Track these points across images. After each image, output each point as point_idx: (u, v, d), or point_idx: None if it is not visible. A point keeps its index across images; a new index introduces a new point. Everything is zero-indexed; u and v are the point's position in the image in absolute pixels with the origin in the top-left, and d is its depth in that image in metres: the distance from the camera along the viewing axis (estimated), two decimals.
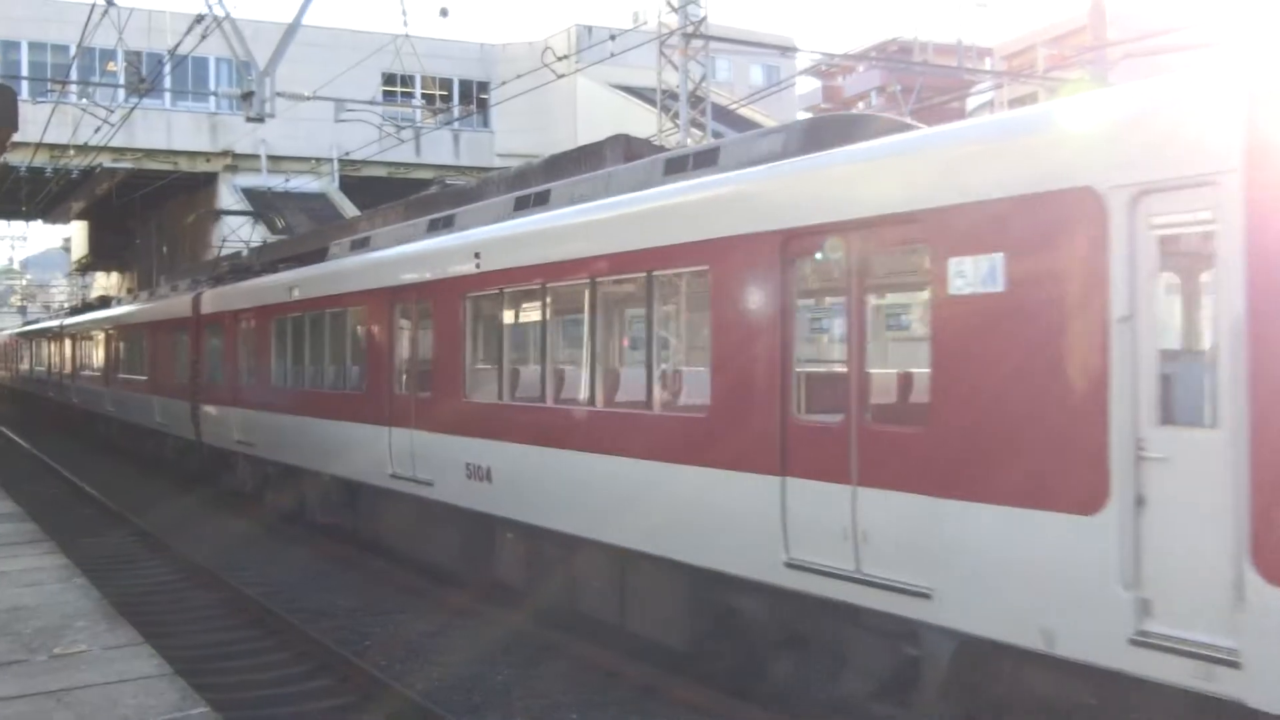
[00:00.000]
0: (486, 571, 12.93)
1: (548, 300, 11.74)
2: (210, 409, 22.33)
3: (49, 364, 45.07)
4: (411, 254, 14.92)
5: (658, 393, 10.23)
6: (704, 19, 26.16)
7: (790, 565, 8.21)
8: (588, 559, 10.92)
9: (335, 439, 16.33)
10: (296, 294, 18.15)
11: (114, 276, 70.94)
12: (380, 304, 15.18)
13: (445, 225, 15.00)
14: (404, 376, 14.73)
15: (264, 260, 25.92)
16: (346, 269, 16.97)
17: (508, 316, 12.64)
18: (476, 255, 12.67)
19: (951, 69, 31.78)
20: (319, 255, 20.26)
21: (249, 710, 9.76)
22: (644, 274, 10.24)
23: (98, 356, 35.22)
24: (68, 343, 40.28)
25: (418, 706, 9.50)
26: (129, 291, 56.14)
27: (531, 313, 12.47)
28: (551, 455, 11.19)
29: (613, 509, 10.33)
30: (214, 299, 22.78)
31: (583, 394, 11.30)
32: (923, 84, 31.88)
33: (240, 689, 10.40)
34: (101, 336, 34.46)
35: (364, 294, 15.80)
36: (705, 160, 10.56)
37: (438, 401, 13.54)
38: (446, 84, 49.25)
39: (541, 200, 13.03)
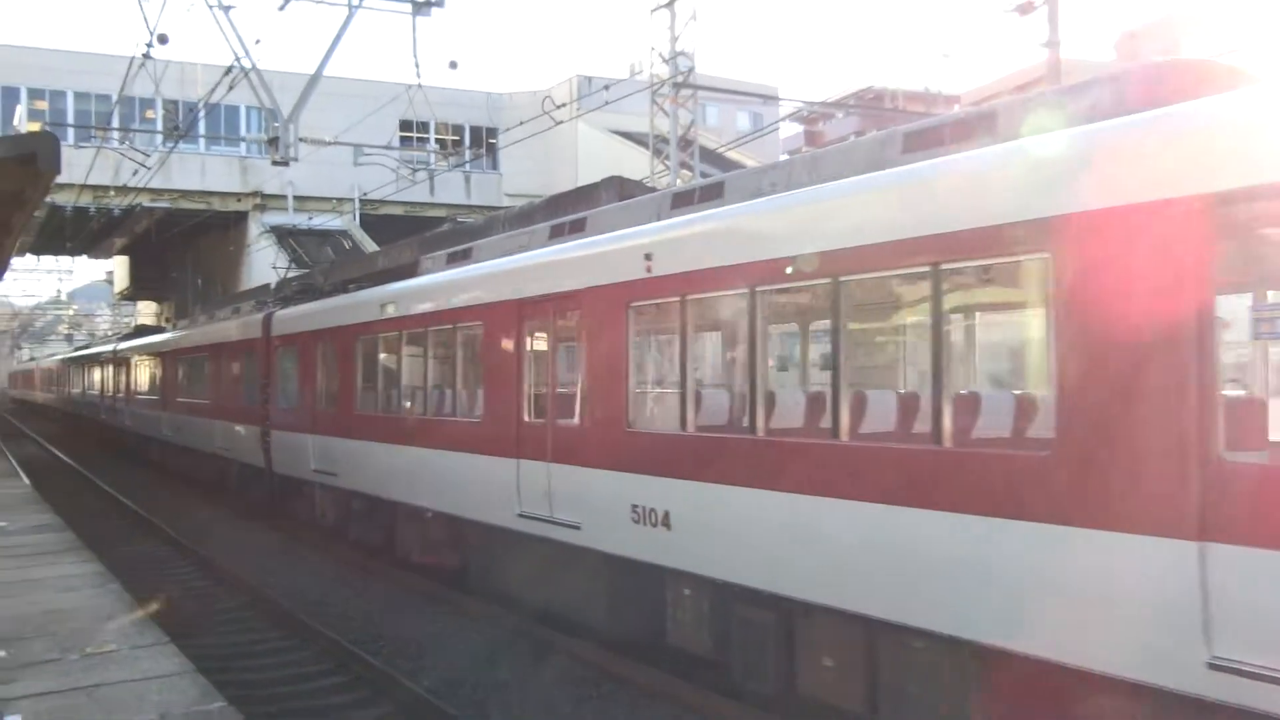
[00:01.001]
0: (648, 631, 10.20)
1: (756, 306, 8.72)
2: (283, 435, 19.68)
3: (101, 388, 43.13)
4: (548, 261, 11.94)
5: (952, 421, 7.30)
6: (692, 70, 26.29)
7: (1215, 666, 5.42)
8: (826, 631, 8.11)
9: (441, 471, 13.66)
10: (391, 311, 15.42)
11: (152, 306, 70.99)
12: (504, 319, 12.24)
13: (574, 230, 12.16)
14: (536, 401, 11.80)
15: (333, 280, 22.82)
16: (454, 281, 14.05)
17: (694, 328, 9.90)
18: (647, 257, 9.82)
19: (921, 115, 31.94)
20: (391, 274, 17.88)
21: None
22: (928, 266, 7.29)
23: (153, 380, 32.80)
24: (121, 367, 38.30)
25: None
26: (167, 320, 56.16)
27: (732, 323, 9.84)
28: (768, 500, 8.36)
29: (879, 575, 7.49)
30: (288, 320, 20.02)
31: (821, 422, 9.09)
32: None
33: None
34: (158, 360, 32.10)
35: (482, 308, 12.88)
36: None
37: (589, 431, 10.69)
38: (458, 130, 49.60)
39: (712, 195, 10.12)
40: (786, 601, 8.34)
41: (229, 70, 20.67)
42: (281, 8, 20.22)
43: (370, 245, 41.49)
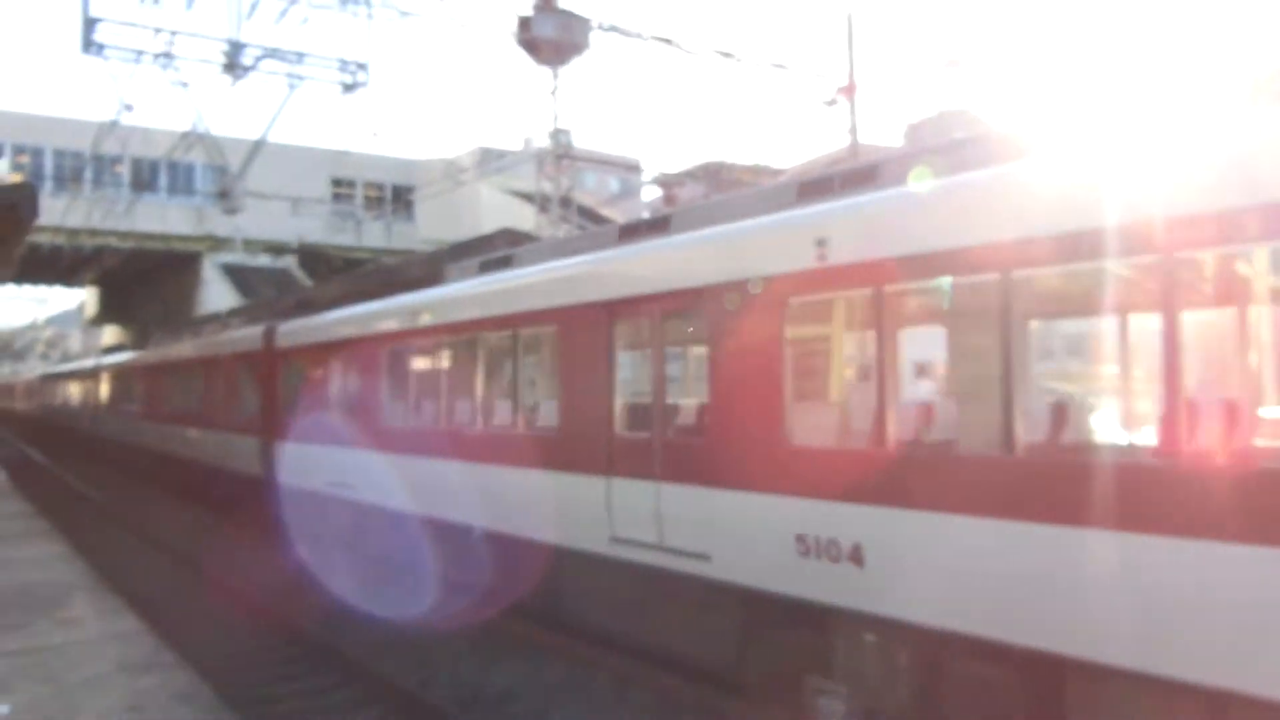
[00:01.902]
0: (793, 676, 7.35)
1: (1010, 293, 5.91)
2: (289, 447, 16.01)
3: (84, 399, 38.84)
4: (655, 255, 8.86)
5: None
6: (569, 145, 26.60)
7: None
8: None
9: (495, 487, 10.48)
10: (428, 319, 12.21)
11: (118, 331, 68.30)
12: (586, 323, 9.16)
13: (654, 230, 9.43)
14: (633, 412, 9.02)
15: (332, 295, 19.54)
16: (520, 285, 10.69)
17: (900, 321, 7.46)
18: (820, 243, 6.94)
19: (753, 184, 32.99)
20: (396, 287, 14.82)
21: None
22: None
23: (139, 392, 28.78)
24: (104, 380, 34.50)
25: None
26: (130, 343, 54.01)
27: (979, 314, 6.59)
28: (1035, 535, 5.62)
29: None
30: (296, 331, 16.58)
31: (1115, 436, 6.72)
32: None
33: None
34: (144, 373, 28.31)
35: (558, 312, 9.73)
36: None
37: (724, 446, 7.69)
38: (381, 187, 49.05)
39: (864, 179, 7.45)
40: (1047, 659, 5.57)
41: (185, 135, 20.22)
42: (233, 84, 19.84)
43: (307, 282, 40.69)
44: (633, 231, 9.80)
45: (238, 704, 6.88)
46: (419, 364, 12.81)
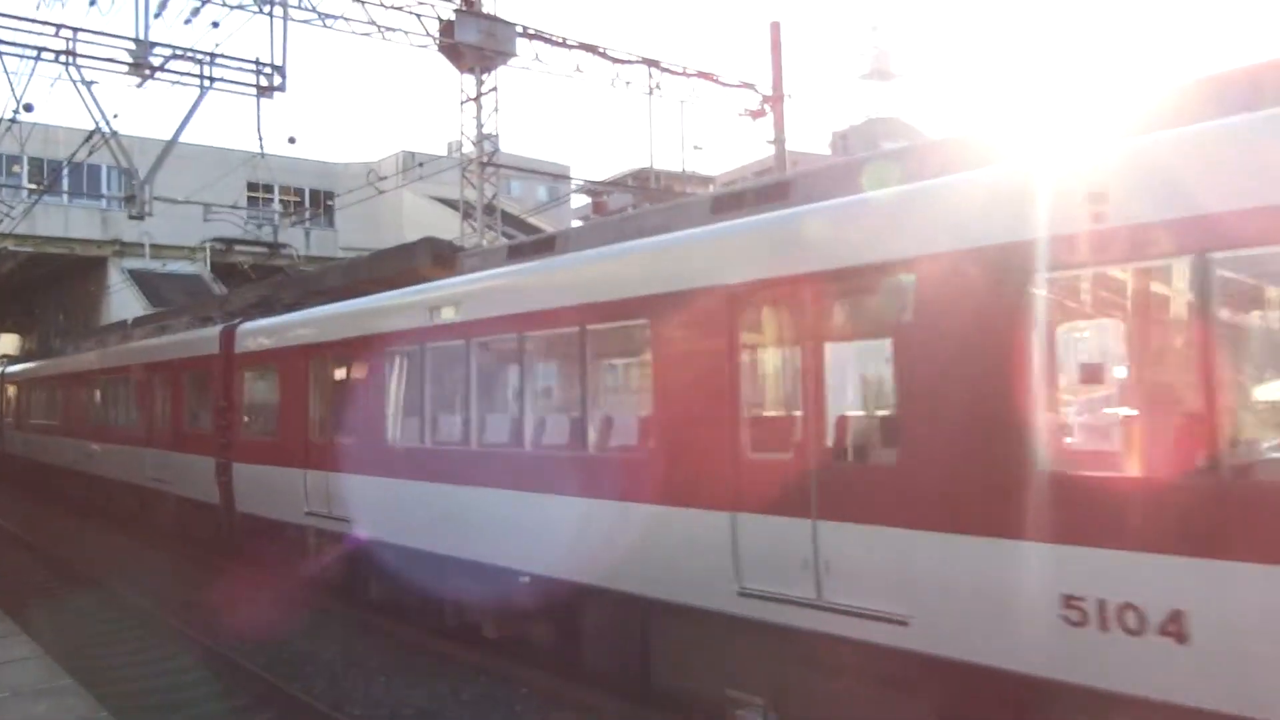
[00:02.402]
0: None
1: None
2: (254, 470, 14.09)
3: None
4: (834, 216, 6.84)
5: None
6: (495, 151, 26.55)
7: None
8: None
9: (538, 520, 8.79)
10: (451, 315, 10.14)
11: (15, 339, 66.00)
12: (694, 314, 7.37)
13: (773, 198, 7.77)
14: (769, 429, 7.26)
15: (292, 295, 17.67)
16: (586, 269, 8.84)
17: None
18: (1097, 199, 5.20)
19: (677, 193, 33.36)
20: (374, 286, 13.51)
21: None
22: None
23: (56, 405, 25.88)
24: (9, 390, 31.82)
25: None
26: (28, 352, 52.21)
27: None
28: None
29: None
30: (262, 332, 14.50)
31: None
32: (655, 202, 33.42)
33: None
34: (62, 384, 25.34)
35: (645, 301, 7.89)
36: None
37: (935, 474, 5.87)
38: (299, 192, 48.29)
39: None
40: None
41: (90, 136, 19.68)
42: (139, 85, 19.36)
43: (220, 289, 39.83)
44: (730, 205, 8.28)
45: None
46: (427, 371, 10.64)
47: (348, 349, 12.11)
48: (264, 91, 20.43)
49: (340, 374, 12.44)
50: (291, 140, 22.36)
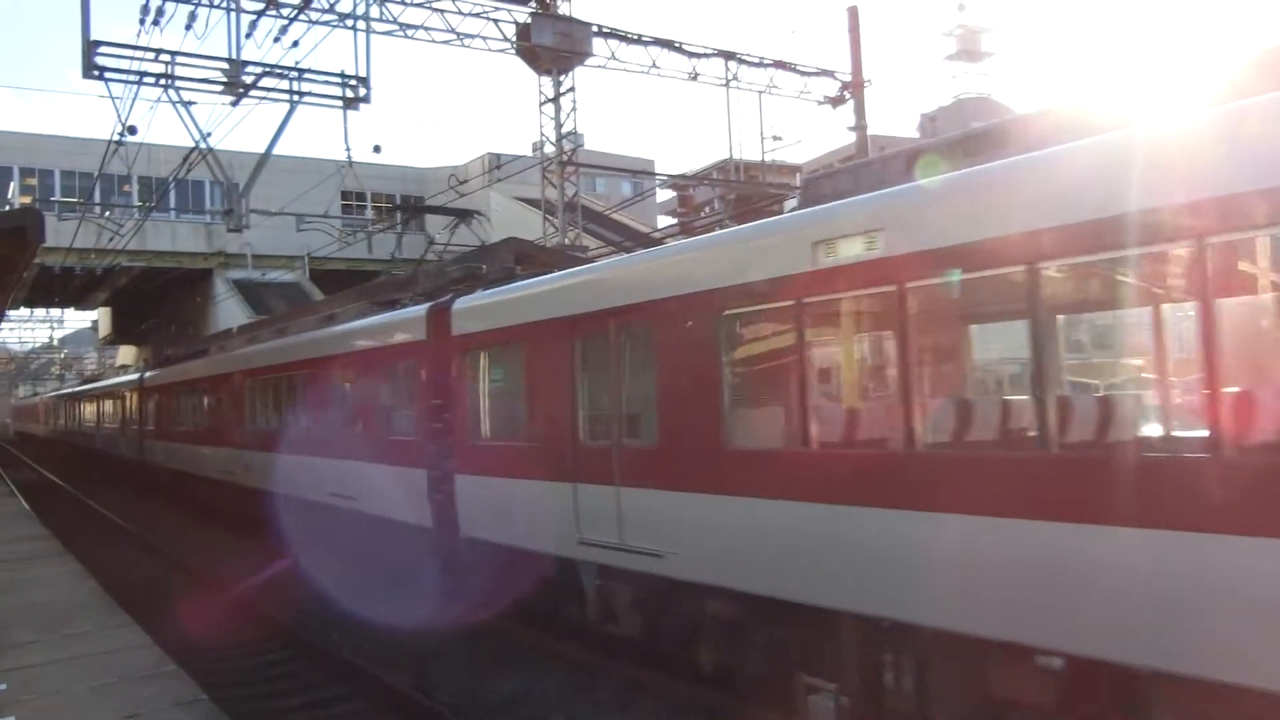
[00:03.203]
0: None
1: None
2: (486, 483, 11.02)
3: (122, 420, 33.60)
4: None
5: None
6: (575, 150, 26.92)
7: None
8: None
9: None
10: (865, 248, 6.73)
11: (132, 350, 69.33)
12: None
13: None
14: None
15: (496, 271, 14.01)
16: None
17: None
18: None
19: (757, 184, 33.22)
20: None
21: None
22: None
23: (199, 411, 23.39)
24: (151, 397, 28.78)
25: None
26: (145, 361, 54.75)
27: None
28: None
29: None
30: (493, 310, 11.26)
31: None
32: (745, 194, 33.30)
33: None
34: (206, 387, 22.78)
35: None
36: None
37: None
38: (390, 198, 49.69)
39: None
40: None
41: (189, 154, 20.66)
42: (234, 103, 20.26)
43: (319, 296, 41.22)
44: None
45: (238, 713, 7.21)
46: (835, 340, 7.87)
47: (662, 313, 8.52)
48: (350, 103, 21.19)
49: (653, 348, 8.72)
50: (377, 149, 23.01)
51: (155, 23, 20.03)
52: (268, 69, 19.76)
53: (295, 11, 20.57)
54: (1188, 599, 4.98)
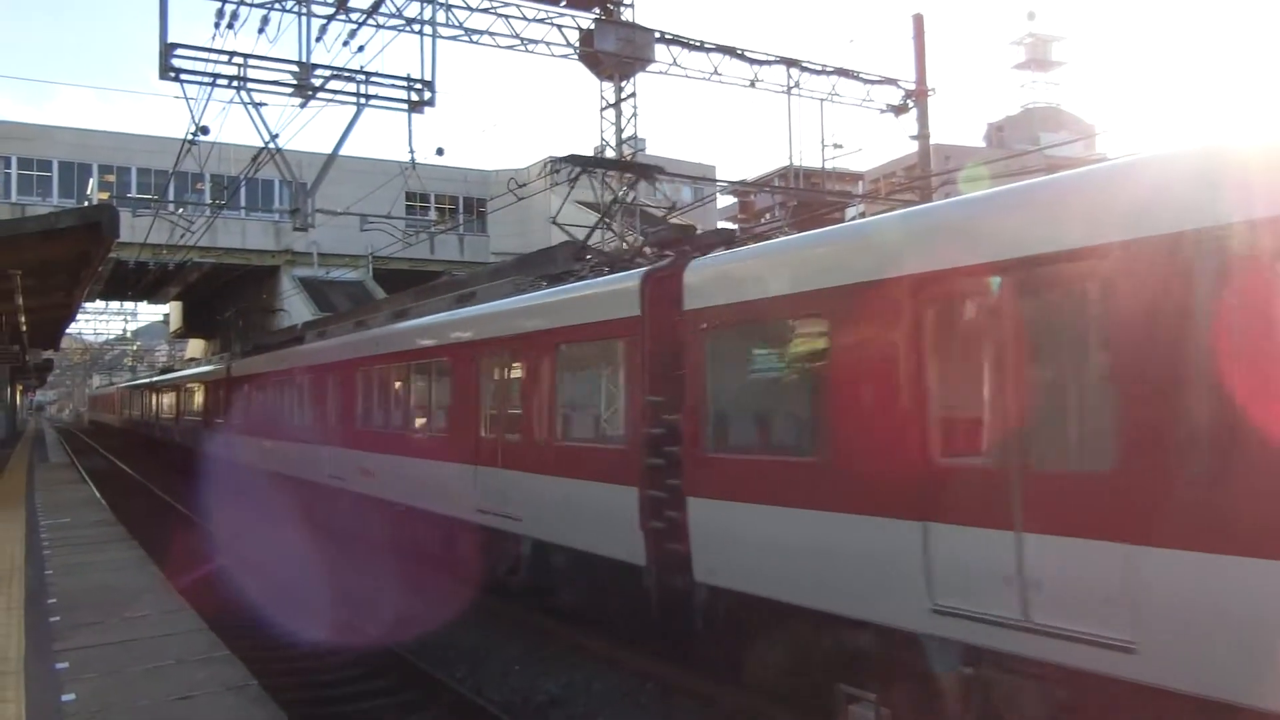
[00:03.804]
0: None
1: None
2: (742, 511, 8.09)
3: (204, 413, 30.68)
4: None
5: None
6: (635, 154, 27.05)
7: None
8: None
9: None
10: None
11: (201, 343, 71.13)
12: None
13: None
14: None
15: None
16: None
17: None
18: None
19: (817, 190, 33.01)
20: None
21: None
22: None
23: (301, 405, 20.05)
24: (241, 389, 25.46)
25: None
26: (214, 354, 56.14)
27: None
28: None
29: None
30: (756, 273, 8.44)
31: None
32: (806, 200, 33.17)
33: None
34: (311, 378, 19.47)
35: None
36: None
37: None
38: (454, 200, 50.39)
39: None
40: None
41: (258, 153, 21.17)
42: (302, 105, 20.72)
43: (380, 293, 41.91)
44: None
45: (289, 701, 7.40)
46: None
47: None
48: (415, 106, 21.55)
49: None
50: (439, 152, 23.35)
51: (230, 26, 20.65)
52: (335, 72, 20.20)
53: (364, 16, 21.02)
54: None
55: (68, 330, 48.05)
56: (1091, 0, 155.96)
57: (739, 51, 25.72)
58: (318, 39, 20.82)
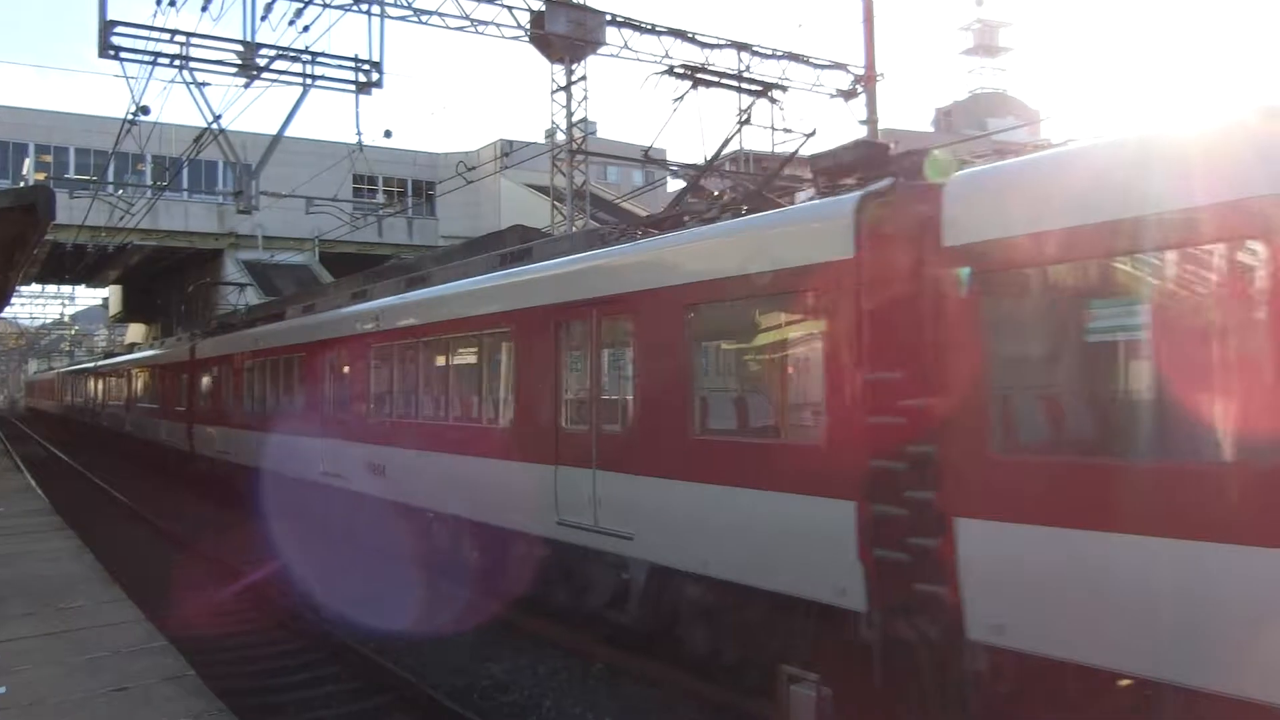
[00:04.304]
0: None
1: None
2: (1040, 535, 5.51)
3: (162, 400, 27.54)
4: None
5: None
6: (585, 138, 26.94)
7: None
8: None
9: None
10: None
11: (142, 328, 69.79)
12: None
13: None
14: None
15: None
16: None
17: None
18: None
19: (768, 175, 33.13)
20: None
21: None
22: None
23: (297, 391, 16.98)
24: (210, 372, 22.40)
25: None
26: (155, 339, 55.01)
27: None
28: None
29: None
30: (1068, 188, 5.61)
31: None
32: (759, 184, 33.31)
33: None
34: (312, 358, 16.24)
35: None
36: None
37: None
38: (402, 183, 49.88)
39: None
40: None
41: (201, 134, 20.74)
42: (246, 86, 20.29)
43: (328, 277, 41.44)
44: None
45: (227, 691, 7.31)
46: None
47: None
48: (363, 88, 21.22)
49: None
50: (387, 134, 23.13)
51: (171, 3, 20.12)
52: (281, 52, 19.81)
53: None
54: None
55: (2, 314, 46.76)
56: None
57: (690, 35, 25.65)
58: (263, 18, 20.38)
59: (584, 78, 26.26)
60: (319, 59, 20.53)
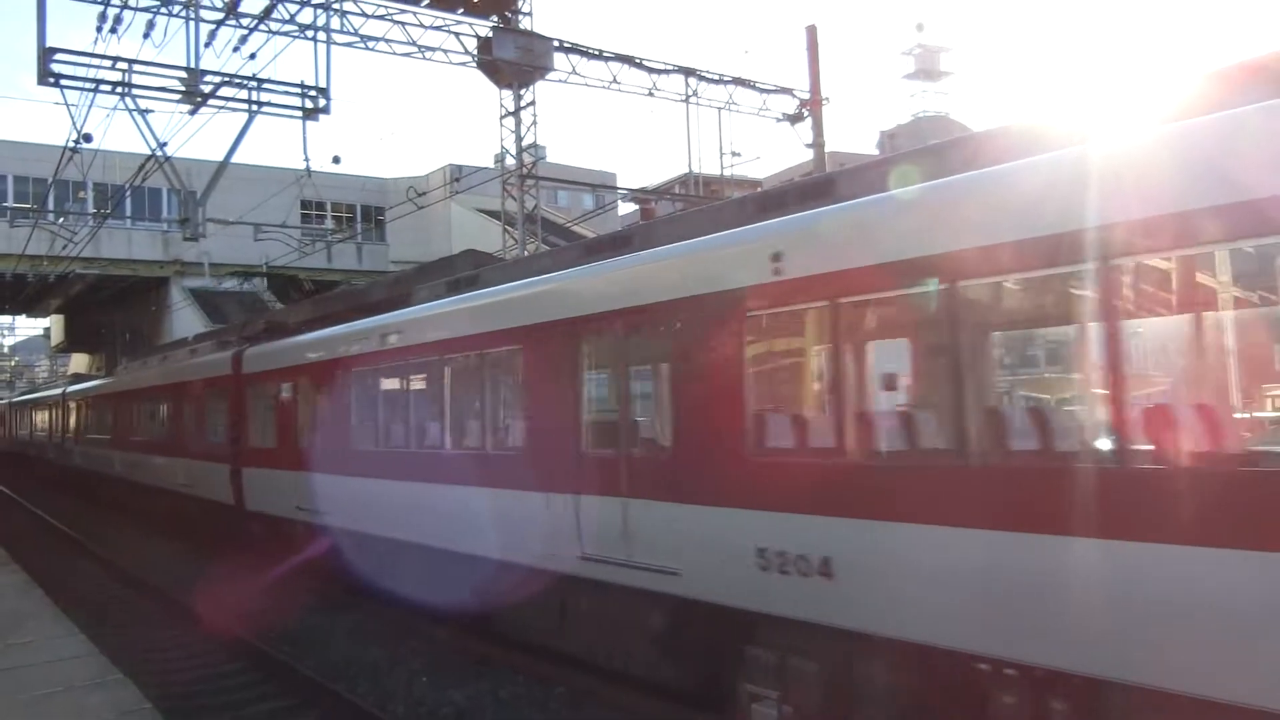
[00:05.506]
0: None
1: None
2: None
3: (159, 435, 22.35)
4: None
5: None
6: (536, 163, 27.04)
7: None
8: None
9: None
10: None
11: (85, 358, 68.36)
12: None
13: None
14: None
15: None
16: None
17: None
18: None
19: (718, 198, 33.54)
20: None
21: None
22: None
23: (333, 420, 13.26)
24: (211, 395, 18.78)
25: None
26: (98, 369, 53.91)
27: None
28: None
29: None
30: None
31: None
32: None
33: None
34: (342, 377, 13.10)
35: None
36: None
37: None
38: (351, 208, 49.51)
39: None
40: None
41: (145, 162, 20.51)
42: (192, 112, 20.13)
43: (278, 305, 40.97)
44: None
45: None
46: None
47: None
48: (309, 114, 21.12)
49: None
50: (336, 160, 23.17)
51: (113, 30, 19.95)
52: (226, 78, 19.68)
53: (255, 21, 20.57)
54: None
55: None
56: (976, 13, 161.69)
57: (637, 60, 25.95)
58: (207, 44, 20.30)
59: (533, 103, 26.40)
60: (265, 85, 20.43)
